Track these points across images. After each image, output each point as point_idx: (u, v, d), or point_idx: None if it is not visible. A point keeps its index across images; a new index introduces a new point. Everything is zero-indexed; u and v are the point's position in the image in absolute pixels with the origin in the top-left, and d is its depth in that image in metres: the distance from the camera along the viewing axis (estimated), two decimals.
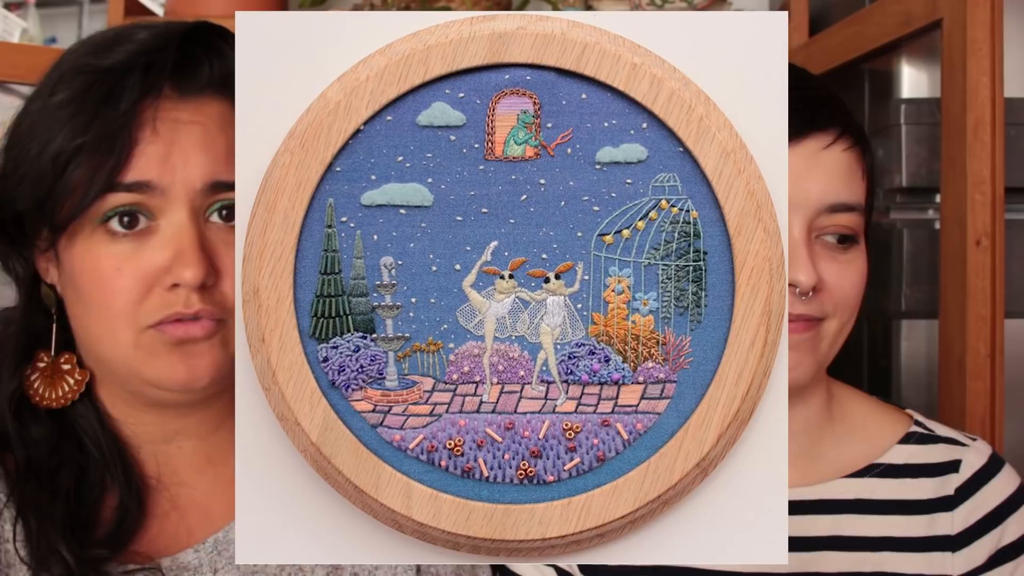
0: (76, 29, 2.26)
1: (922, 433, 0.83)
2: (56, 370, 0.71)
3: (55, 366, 0.71)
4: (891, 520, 0.79)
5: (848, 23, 1.22)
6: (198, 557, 0.71)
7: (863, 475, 0.80)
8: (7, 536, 0.66)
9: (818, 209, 0.72)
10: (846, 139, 0.74)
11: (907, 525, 0.79)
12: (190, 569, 0.71)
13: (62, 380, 0.70)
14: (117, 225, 0.64)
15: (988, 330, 0.97)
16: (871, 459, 0.81)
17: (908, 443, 0.82)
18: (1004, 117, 0.96)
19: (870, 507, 0.79)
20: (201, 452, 0.74)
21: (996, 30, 0.96)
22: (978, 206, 0.97)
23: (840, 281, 0.73)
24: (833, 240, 0.73)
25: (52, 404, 0.70)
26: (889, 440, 0.82)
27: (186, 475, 0.74)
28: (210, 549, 0.72)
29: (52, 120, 0.65)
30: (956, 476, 0.80)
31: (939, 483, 0.80)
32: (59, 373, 0.71)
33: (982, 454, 0.82)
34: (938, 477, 0.80)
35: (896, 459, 0.81)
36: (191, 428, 0.73)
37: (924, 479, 0.80)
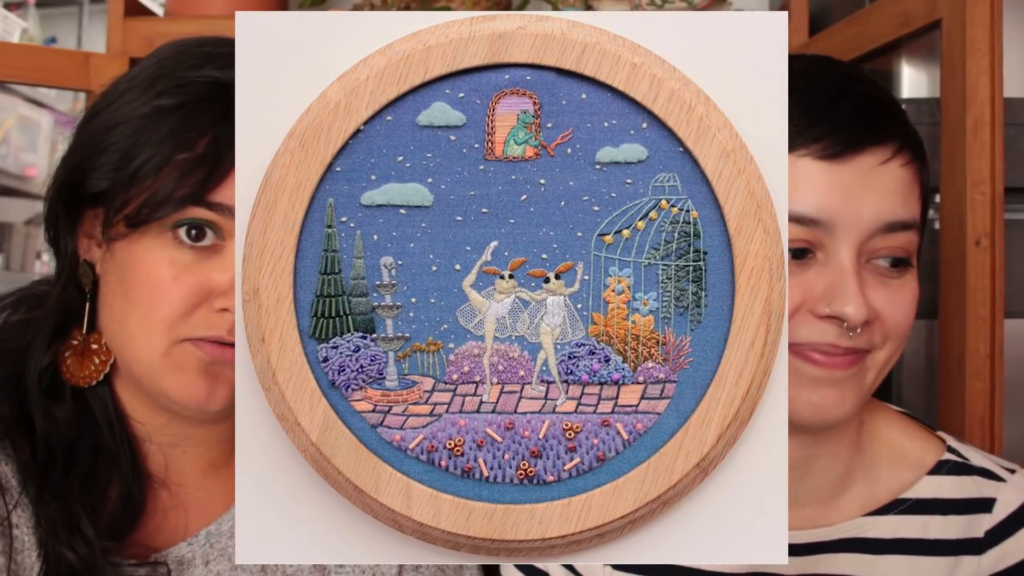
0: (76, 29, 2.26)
1: (955, 462, 0.76)
2: (86, 348, 0.70)
3: (86, 344, 0.70)
4: (915, 561, 0.73)
5: (848, 23, 1.22)
6: (191, 550, 0.72)
7: (888, 511, 0.74)
8: (16, 523, 0.66)
9: (872, 230, 0.65)
10: (905, 154, 0.67)
11: (932, 567, 0.73)
12: (184, 562, 0.71)
13: (90, 359, 0.70)
14: (185, 235, 0.64)
15: (988, 330, 0.97)
16: (898, 492, 0.75)
17: (939, 473, 0.75)
18: (1003, 117, 0.96)
19: (893, 547, 0.73)
20: (206, 458, 0.75)
21: (995, 30, 0.96)
22: (978, 206, 0.97)
23: (892, 309, 0.66)
24: (886, 264, 0.66)
25: (80, 382, 0.70)
26: (918, 471, 0.75)
27: (188, 476, 0.74)
28: (203, 541, 0.73)
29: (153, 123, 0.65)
30: (988, 517, 0.73)
31: (968, 522, 0.73)
32: (88, 352, 0.70)
33: (1020, 491, 0.74)
34: (968, 515, 0.74)
35: (924, 493, 0.75)
36: (199, 437, 0.74)
37: (953, 516, 0.74)
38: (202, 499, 0.74)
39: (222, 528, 0.74)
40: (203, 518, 0.74)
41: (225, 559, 0.73)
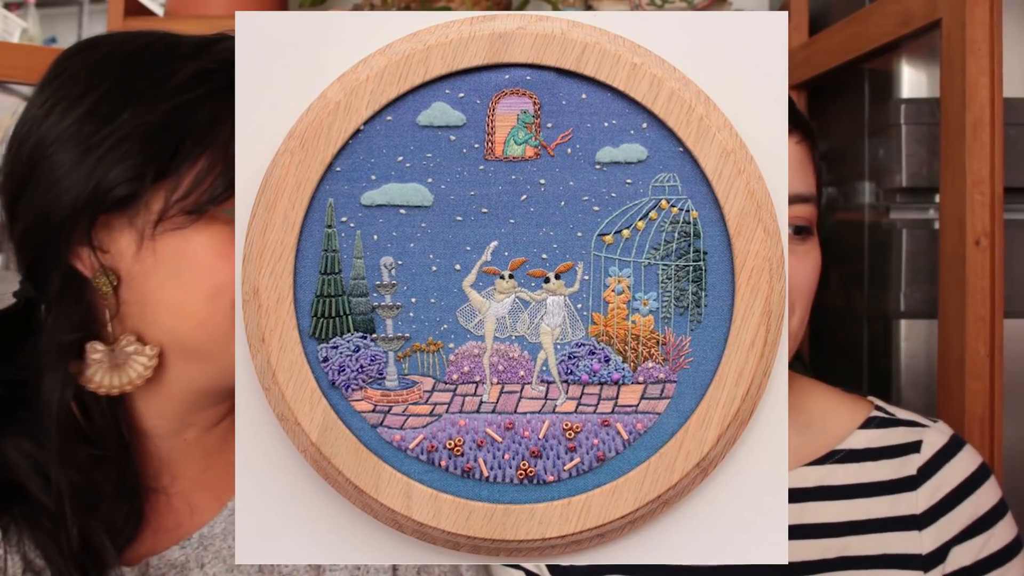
0: (76, 29, 2.26)
1: (882, 417, 0.83)
2: (120, 355, 0.67)
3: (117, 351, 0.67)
4: (853, 504, 0.79)
5: (848, 23, 1.22)
6: (184, 554, 0.71)
7: (823, 462, 0.81)
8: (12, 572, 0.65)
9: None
10: (797, 132, 0.75)
11: (870, 508, 0.79)
12: (177, 566, 0.71)
13: (129, 364, 0.67)
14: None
15: (987, 330, 0.97)
16: (831, 446, 0.81)
17: (868, 428, 0.82)
18: (1003, 117, 0.96)
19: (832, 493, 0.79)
20: (200, 444, 0.75)
21: (995, 30, 0.96)
22: (977, 206, 0.97)
23: (797, 272, 0.74)
24: (790, 231, 0.73)
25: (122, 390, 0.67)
26: (849, 427, 0.83)
27: (182, 468, 0.74)
28: (196, 545, 0.72)
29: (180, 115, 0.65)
30: (918, 456, 0.81)
31: (901, 464, 0.81)
32: (126, 358, 0.67)
33: (943, 434, 0.82)
34: (899, 458, 0.81)
35: (856, 444, 0.81)
36: (201, 420, 0.74)
37: (885, 461, 0.81)
38: (195, 496, 0.74)
39: (215, 530, 0.73)
40: (189, 514, 0.73)
41: (220, 561, 0.72)
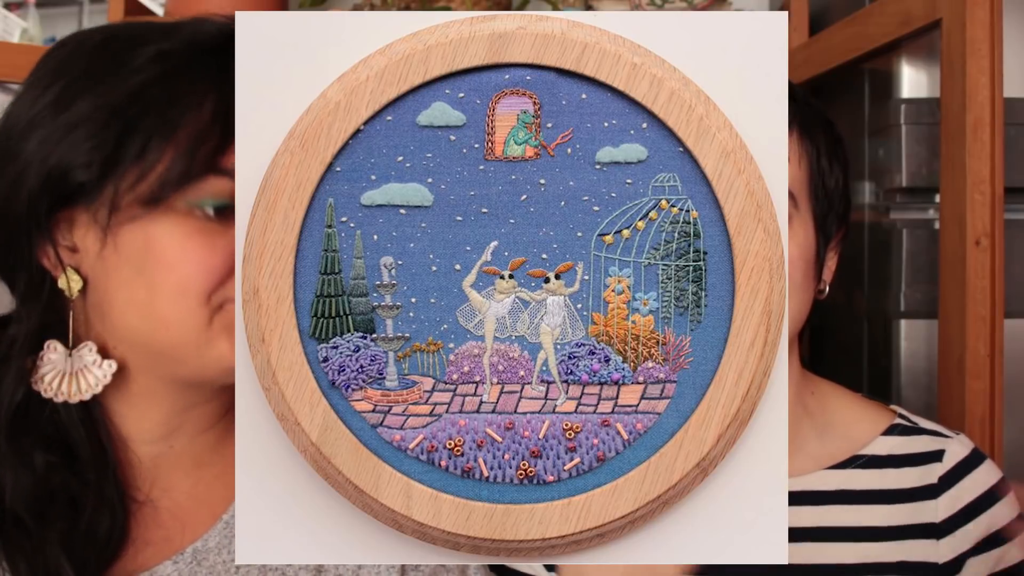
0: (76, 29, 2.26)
1: (905, 425, 0.84)
2: (77, 362, 0.66)
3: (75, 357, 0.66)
4: (874, 510, 0.80)
5: (848, 23, 1.22)
6: (177, 569, 0.69)
7: (845, 466, 0.81)
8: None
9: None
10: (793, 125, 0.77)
11: (890, 514, 0.79)
12: None
13: (87, 372, 0.66)
14: (210, 209, 0.63)
15: (988, 330, 0.97)
16: (853, 451, 0.82)
17: (891, 435, 0.82)
18: (1003, 117, 0.96)
19: (853, 497, 0.80)
20: (189, 452, 0.72)
21: (995, 30, 0.96)
22: (977, 206, 0.97)
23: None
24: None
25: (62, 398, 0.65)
26: (872, 433, 0.83)
27: (171, 479, 0.72)
28: (189, 559, 0.70)
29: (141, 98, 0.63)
30: (940, 465, 0.81)
31: (923, 472, 0.81)
32: (81, 365, 0.66)
33: (965, 446, 0.83)
34: (922, 466, 0.81)
35: (879, 450, 0.82)
36: (188, 425, 0.72)
37: (907, 468, 0.81)
38: (182, 504, 0.71)
39: (209, 544, 0.71)
40: (181, 528, 0.71)
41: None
